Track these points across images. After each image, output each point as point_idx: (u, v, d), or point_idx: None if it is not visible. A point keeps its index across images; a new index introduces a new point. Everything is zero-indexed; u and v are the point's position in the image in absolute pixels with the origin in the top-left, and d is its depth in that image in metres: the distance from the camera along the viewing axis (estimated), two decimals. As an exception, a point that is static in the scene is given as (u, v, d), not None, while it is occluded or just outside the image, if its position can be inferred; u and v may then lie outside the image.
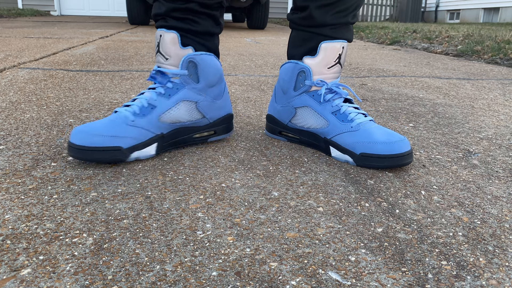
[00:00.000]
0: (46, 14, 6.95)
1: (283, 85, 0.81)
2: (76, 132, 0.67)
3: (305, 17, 0.76)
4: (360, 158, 0.71)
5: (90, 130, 0.67)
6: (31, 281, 0.40)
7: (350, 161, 0.73)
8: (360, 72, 1.83)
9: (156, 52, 0.75)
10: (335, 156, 0.75)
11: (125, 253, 0.45)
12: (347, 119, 0.74)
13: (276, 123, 0.84)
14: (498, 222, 0.54)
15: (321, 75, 0.76)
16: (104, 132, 0.67)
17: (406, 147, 0.69)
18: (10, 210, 0.53)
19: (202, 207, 0.56)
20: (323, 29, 0.75)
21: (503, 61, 2.28)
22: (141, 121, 0.70)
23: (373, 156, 0.70)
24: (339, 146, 0.74)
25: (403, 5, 8.29)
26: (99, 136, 0.66)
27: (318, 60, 0.75)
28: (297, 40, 0.79)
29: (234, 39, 3.38)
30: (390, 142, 0.69)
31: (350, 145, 0.72)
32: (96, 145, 0.66)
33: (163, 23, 0.74)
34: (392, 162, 0.69)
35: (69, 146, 0.67)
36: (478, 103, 1.25)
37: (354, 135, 0.72)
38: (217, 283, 0.40)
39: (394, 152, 0.69)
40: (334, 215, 0.55)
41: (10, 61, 1.71)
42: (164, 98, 0.73)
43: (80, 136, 0.66)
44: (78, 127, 0.68)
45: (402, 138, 0.70)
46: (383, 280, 0.42)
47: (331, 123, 0.75)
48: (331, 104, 0.76)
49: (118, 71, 1.62)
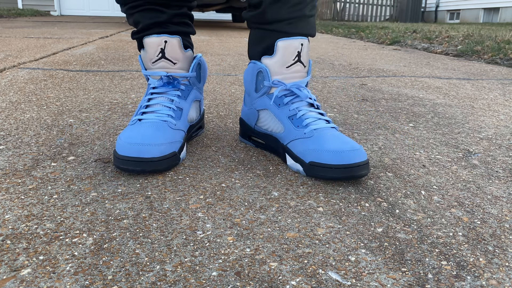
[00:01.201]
0: (46, 14, 6.95)
1: (246, 86, 0.78)
2: (126, 144, 0.63)
3: (259, 14, 0.71)
4: (309, 167, 0.64)
5: (143, 141, 0.64)
6: (31, 281, 0.40)
7: (301, 170, 0.66)
8: (360, 72, 1.83)
9: (158, 59, 0.74)
10: (290, 165, 0.69)
11: (125, 253, 0.45)
12: (302, 124, 0.69)
13: (245, 126, 0.80)
14: (498, 222, 0.54)
15: (280, 75, 0.72)
16: (160, 141, 0.65)
17: (358, 157, 0.62)
18: (10, 210, 0.53)
19: (202, 207, 0.56)
20: (278, 24, 0.70)
21: (503, 61, 2.28)
22: (180, 124, 0.72)
23: (321, 166, 0.63)
24: (292, 154, 0.68)
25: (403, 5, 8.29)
26: (158, 145, 0.64)
27: (275, 59, 0.71)
28: (254, 39, 0.75)
29: (234, 39, 3.38)
30: (340, 151, 0.62)
31: (301, 153, 0.67)
32: (159, 154, 0.64)
33: (163, 30, 0.74)
34: (339, 173, 0.61)
35: (123, 160, 0.63)
36: (478, 103, 1.25)
37: (305, 142, 0.66)
38: (217, 283, 0.40)
39: (343, 162, 0.61)
40: (334, 215, 0.55)
41: (10, 61, 1.71)
42: (183, 100, 0.75)
43: (136, 149, 0.63)
44: (124, 139, 0.64)
45: (356, 148, 0.63)
46: (383, 280, 0.42)
47: (286, 128, 0.70)
48: (289, 108, 0.71)
49: (118, 71, 1.62)
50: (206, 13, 7.56)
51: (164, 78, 0.74)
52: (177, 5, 0.75)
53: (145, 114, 0.71)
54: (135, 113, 0.73)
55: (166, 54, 0.74)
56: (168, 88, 0.74)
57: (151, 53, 0.74)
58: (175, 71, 0.75)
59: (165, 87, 0.75)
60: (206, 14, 7.93)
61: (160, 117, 0.70)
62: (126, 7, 0.75)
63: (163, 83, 0.74)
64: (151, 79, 0.76)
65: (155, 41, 0.73)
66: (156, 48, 0.73)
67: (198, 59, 0.77)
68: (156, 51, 0.73)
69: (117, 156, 0.63)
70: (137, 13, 0.74)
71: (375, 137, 0.88)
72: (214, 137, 0.85)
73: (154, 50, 0.73)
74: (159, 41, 0.73)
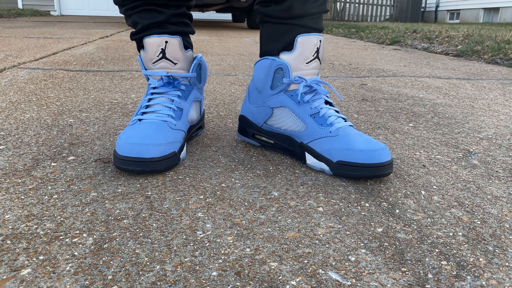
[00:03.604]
0: (46, 14, 6.95)
1: (258, 84, 0.76)
2: (126, 144, 0.63)
3: (285, 9, 0.71)
4: (337, 166, 0.65)
5: (143, 140, 0.64)
6: (31, 281, 0.40)
7: (326, 169, 0.67)
8: (360, 72, 1.83)
9: (158, 59, 0.74)
10: (310, 164, 0.70)
11: (125, 253, 0.45)
12: (326, 123, 0.69)
13: (249, 125, 0.79)
14: (498, 222, 0.54)
15: (300, 71, 0.71)
16: (160, 141, 0.65)
17: (386, 156, 0.64)
18: (10, 210, 0.53)
19: (202, 207, 0.56)
20: (303, 20, 0.71)
21: (503, 61, 2.28)
22: (180, 124, 0.72)
23: (350, 165, 0.64)
24: (315, 153, 0.68)
25: (403, 5, 8.29)
26: (158, 145, 0.64)
27: (295, 55, 0.70)
28: (273, 35, 0.74)
29: (234, 39, 3.38)
30: (370, 151, 0.63)
31: (326, 152, 0.67)
32: (159, 155, 0.64)
33: (162, 30, 0.74)
34: (370, 172, 0.63)
35: (123, 160, 0.63)
36: (478, 103, 1.25)
37: (331, 141, 0.67)
38: (217, 283, 0.40)
39: (374, 161, 0.63)
40: (334, 215, 0.55)
41: (10, 61, 1.71)
42: (184, 100, 0.75)
43: (136, 149, 0.63)
44: (124, 139, 0.64)
45: (383, 147, 0.65)
46: (383, 280, 0.42)
47: (309, 126, 0.69)
48: (310, 106, 0.71)
49: (118, 71, 1.62)
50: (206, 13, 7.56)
51: (165, 78, 0.74)
52: (175, 5, 0.75)
53: (145, 114, 0.71)
54: (135, 113, 0.73)
55: (166, 54, 0.73)
56: (168, 88, 0.74)
57: (151, 53, 0.73)
58: (176, 71, 0.75)
59: (166, 87, 0.74)
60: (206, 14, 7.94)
61: (160, 117, 0.70)
62: (124, 8, 0.75)
63: (163, 83, 0.74)
64: (151, 79, 0.76)
65: (155, 41, 0.72)
66: (156, 48, 0.73)
67: (198, 60, 0.78)
68: (157, 52, 0.73)
69: (117, 156, 0.63)
70: (135, 14, 0.74)
71: (375, 137, 0.88)
72: (214, 137, 0.85)
73: (155, 51, 0.73)
74: (159, 41, 0.72)
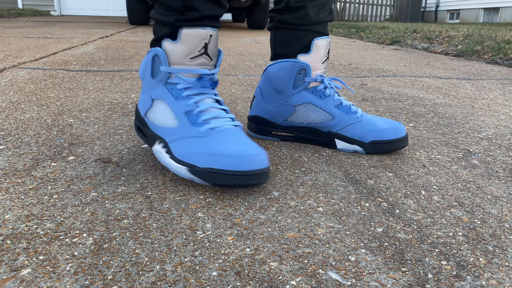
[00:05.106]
0: (46, 14, 6.95)
1: (278, 84, 0.81)
2: (243, 158, 0.58)
3: (301, 17, 0.78)
4: (371, 145, 0.77)
5: (255, 151, 0.59)
6: (31, 281, 0.40)
7: (359, 150, 0.78)
8: (360, 72, 1.83)
9: (199, 54, 0.64)
10: (342, 148, 0.79)
11: (125, 253, 0.45)
12: (350, 111, 0.80)
13: (267, 123, 0.84)
14: (498, 222, 0.54)
15: (317, 70, 0.80)
16: (258, 150, 0.60)
17: (404, 129, 0.79)
18: (10, 210, 0.53)
19: (202, 207, 0.56)
20: (317, 26, 0.79)
21: (503, 61, 2.28)
22: None
23: (383, 142, 0.76)
24: (347, 138, 0.79)
25: (403, 5, 8.29)
26: (264, 152, 0.60)
27: (313, 56, 0.79)
28: (289, 39, 0.80)
29: (234, 39, 3.38)
30: (394, 128, 0.77)
31: (359, 135, 0.78)
32: (263, 166, 0.59)
33: (214, 24, 0.65)
34: (399, 145, 0.77)
35: (251, 175, 0.57)
36: (478, 103, 1.25)
37: (362, 126, 0.78)
38: (217, 283, 0.40)
39: (400, 135, 0.77)
40: (334, 215, 0.55)
41: (10, 61, 1.71)
42: None
43: (259, 159, 0.58)
44: (236, 153, 0.58)
45: (399, 123, 0.79)
46: (383, 280, 0.42)
47: (337, 116, 0.79)
48: (333, 99, 0.80)
49: (118, 71, 1.62)
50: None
51: (206, 77, 0.65)
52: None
53: (213, 121, 0.63)
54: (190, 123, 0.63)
55: (208, 50, 0.65)
56: (207, 88, 0.66)
57: (191, 47, 0.63)
58: (210, 68, 0.67)
59: (203, 87, 0.65)
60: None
61: (229, 122, 0.64)
62: None
63: (204, 82, 0.65)
64: (178, 78, 0.65)
65: (200, 34, 0.63)
66: (199, 42, 0.63)
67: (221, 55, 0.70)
68: (199, 46, 0.64)
69: (242, 174, 0.57)
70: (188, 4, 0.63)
71: (375, 137, 0.88)
72: (214, 137, 0.85)
73: (197, 44, 0.63)
74: (204, 34, 0.63)
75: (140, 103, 0.71)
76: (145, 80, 0.69)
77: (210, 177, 0.58)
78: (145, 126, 0.69)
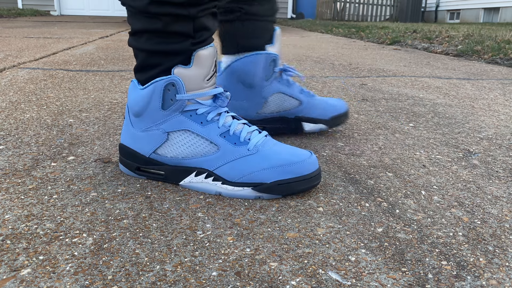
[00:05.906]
0: (46, 14, 6.95)
1: (251, 78, 0.80)
2: (310, 160, 0.60)
3: (269, 8, 0.80)
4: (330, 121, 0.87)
5: (303, 153, 0.61)
6: (31, 281, 0.40)
7: (324, 127, 0.87)
8: (360, 72, 1.83)
9: (213, 73, 0.61)
10: (309, 130, 0.87)
11: (125, 253, 0.45)
12: (310, 94, 0.86)
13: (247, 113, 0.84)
14: (498, 222, 0.54)
15: (280, 60, 0.84)
16: (307, 152, 0.62)
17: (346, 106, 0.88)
18: (10, 210, 0.53)
19: (202, 207, 0.56)
20: (274, 16, 0.82)
21: (503, 61, 2.28)
22: None
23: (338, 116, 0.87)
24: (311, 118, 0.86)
25: (403, 5, 8.29)
26: (311, 155, 0.61)
27: (277, 46, 0.82)
28: (258, 31, 0.80)
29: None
30: (342, 105, 0.87)
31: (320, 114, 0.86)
32: (318, 164, 0.61)
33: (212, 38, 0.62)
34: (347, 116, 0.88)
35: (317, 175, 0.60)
36: (478, 103, 1.25)
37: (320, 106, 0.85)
38: (217, 283, 0.40)
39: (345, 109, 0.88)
40: (334, 215, 0.55)
41: (10, 61, 1.71)
42: None
43: (313, 161, 0.60)
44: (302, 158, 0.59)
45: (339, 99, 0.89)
46: (383, 280, 0.42)
47: (304, 100, 0.84)
48: (295, 85, 0.85)
49: (118, 71, 1.62)
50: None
51: (222, 95, 0.61)
52: None
53: (251, 137, 0.61)
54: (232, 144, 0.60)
55: (216, 66, 0.62)
56: (223, 106, 0.62)
57: (207, 68, 0.59)
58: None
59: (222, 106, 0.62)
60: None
61: (261, 133, 0.63)
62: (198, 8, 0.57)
63: (221, 101, 0.61)
64: (197, 103, 0.60)
65: (211, 53, 0.60)
66: (212, 61, 0.60)
67: None
68: (211, 65, 0.60)
69: (312, 175, 0.59)
70: (205, 17, 0.59)
71: (375, 137, 0.88)
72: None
73: (210, 64, 0.60)
74: (213, 52, 0.60)
75: (138, 142, 0.62)
76: (147, 114, 0.60)
77: (281, 189, 0.58)
78: (157, 164, 0.62)
